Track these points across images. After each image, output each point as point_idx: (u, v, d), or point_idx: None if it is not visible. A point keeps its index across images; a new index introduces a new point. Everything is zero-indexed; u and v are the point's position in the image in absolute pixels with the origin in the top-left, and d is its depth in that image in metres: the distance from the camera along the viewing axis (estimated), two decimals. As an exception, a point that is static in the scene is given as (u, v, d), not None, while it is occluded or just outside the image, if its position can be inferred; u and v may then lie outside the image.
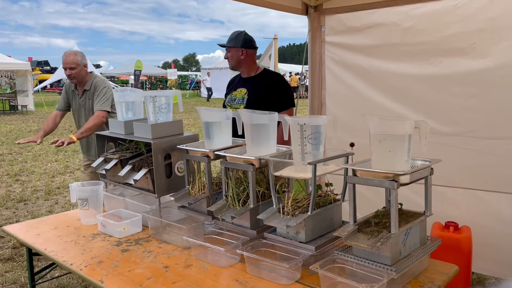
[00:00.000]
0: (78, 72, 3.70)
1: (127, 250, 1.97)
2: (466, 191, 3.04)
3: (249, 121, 1.95)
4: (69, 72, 3.68)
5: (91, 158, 3.86)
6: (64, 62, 3.70)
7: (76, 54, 3.73)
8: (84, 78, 3.77)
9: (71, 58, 3.68)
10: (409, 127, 1.54)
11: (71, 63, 3.66)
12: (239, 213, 1.88)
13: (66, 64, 3.68)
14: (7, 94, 18.45)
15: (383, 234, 1.50)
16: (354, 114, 3.40)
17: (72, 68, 3.66)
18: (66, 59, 3.69)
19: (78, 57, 3.71)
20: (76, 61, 3.69)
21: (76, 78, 3.72)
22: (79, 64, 3.70)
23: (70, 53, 3.74)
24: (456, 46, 2.91)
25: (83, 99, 3.79)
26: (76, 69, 3.68)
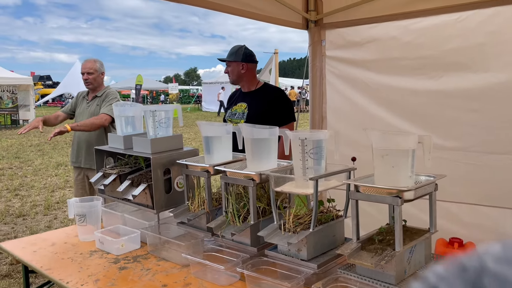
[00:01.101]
0: (95, 78, 3.82)
1: (125, 268, 1.93)
2: (470, 206, 3.00)
3: (250, 135, 1.92)
4: (86, 76, 3.79)
5: (78, 165, 3.85)
6: (83, 67, 3.83)
7: (95, 61, 3.87)
8: (99, 86, 3.88)
9: (91, 64, 3.82)
10: (412, 141, 1.51)
11: (89, 68, 3.80)
12: (240, 229, 1.84)
13: (84, 69, 3.81)
14: (8, 108, 18.49)
15: (387, 252, 1.46)
16: (355, 128, 3.38)
17: (90, 73, 3.79)
18: (86, 64, 3.83)
19: (97, 64, 3.85)
20: (95, 67, 3.82)
21: (92, 84, 3.82)
22: (97, 70, 3.83)
23: (90, 59, 3.88)
24: (457, 60, 2.90)
25: (90, 104, 3.84)
26: (94, 75, 3.80)
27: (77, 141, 3.86)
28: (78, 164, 3.86)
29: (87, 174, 3.83)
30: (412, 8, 3.07)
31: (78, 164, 3.85)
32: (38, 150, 11.97)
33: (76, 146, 3.87)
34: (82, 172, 3.86)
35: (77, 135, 3.86)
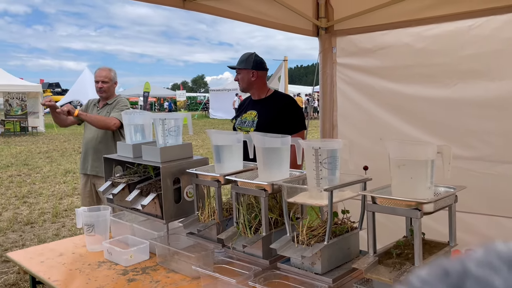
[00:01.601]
0: (109, 87, 3.83)
1: (133, 280, 1.88)
2: (486, 217, 2.92)
3: (262, 144, 1.88)
4: (101, 85, 3.79)
5: (85, 172, 3.85)
6: (98, 75, 3.83)
7: (110, 70, 3.89)
8: (112, 95, 3.89)
9: (106, 72, 3.84)
10: (431, 152, 1.46)
11: (105, 77, 3.81)
12: (251, 241, 1.79)
13: (99, 77, 3.81)
14: (18, 115, 18.65)
15: (406, 266, 1.40)
16: (367, 136, 3.33)
17: (104, 82, 3.80)
18: (101, 72, 3.83)
19: (112, 73, 3.87)
20: (110, 76, 3.84)
21: (105, 92, 3.83)
22: (111, 79, 3.85)
23: (105, 68, 3.90)
24: (472, 67, 2.84)
25: (100, 111, 3.85)
26: (108, 84, 3.82)
27: (85, 148, 3.85)
28: (84, 170, 3.85)
29: (93, 181, 3.81)
30: (425, 14, 3.03)
31: (85, 170, 3.84)
32: (47, 157, 12.02)
33: (84, 153, 3.87)
34: (89, 180, 3.84)
35: (85, 142, 3.85)
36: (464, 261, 0.35)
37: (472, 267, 0.34)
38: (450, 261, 0.36)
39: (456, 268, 0.35)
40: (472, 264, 0.35)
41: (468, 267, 0.34)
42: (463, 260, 0.35)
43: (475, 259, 0.35)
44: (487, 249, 0.36)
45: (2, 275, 4.01)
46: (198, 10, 2.88)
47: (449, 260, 0.36)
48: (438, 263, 0.36)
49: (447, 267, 0.35)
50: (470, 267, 0.34)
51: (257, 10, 3.22)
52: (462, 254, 0.38)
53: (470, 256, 0.36)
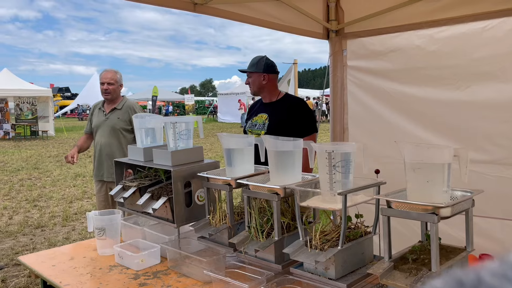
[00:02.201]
0: (115, 89, 3.81)
1: (145, 284, 1.87)
2: (500, 221, 2.87)
3: (274, 148, 1.86)
4: (106, 87, 3.78)
5: (100, 179, 3.84)
6: (104, 77, 3.82)
7: (116, 72, 3.88)
8: (117, 97, 3.88)
9: (111, 74, 3.82)
10: (448, 155, 1.43)
11: (110, 79, 3.79)
12: (264, 246, 1.77)
13: (105, 79, 3.80)
14: (28, 119, 18.83)
15: (422, 272, 1.37)
16: (378, 140, 3.30)
17: (110, 83, 3.78)
18: (106, 74, 3.82)
19: (118, 75, 3.86)
20: (115, 78, 3.83)
21: (111, 94, 3.81)
22: (117, 81, 3.84)
23: (110, 70, 3.88)
24: (485, 69, 2.80)
25: (109, 116, 3.82)
26: (114, 86, 3.80)
27: (98, 155, 3.83)
28: (100, 177, 3.83)
29: (110, 186, 3.80)
30: (437, 16, 2.99)
31: (100, 177, 3.83)
32: (57, 161, 12.10)
33: (97, 160, 3.85)
34: (105, 185, 3.83)
35: (98, 148, 3.83)
36: (478, 272, 0.35)
37: (486, 278, 0.34)
38: (465, 272, 0.36)
39: (470, 279, 0.35)
40: (487, 275, 0.34)
41: (483, 278, 0.34)
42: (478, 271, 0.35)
43: (490, 270, 0.35)
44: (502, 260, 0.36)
45: (13, 278, 4.03)
46: (209, 14, 2.88)
47: (463, 271, 0.36)
48: (453, 274, 0.36)
49: (462, 278, 0.35)
50: (485, 278, 0.34)
51: (267, 13, 3.21)
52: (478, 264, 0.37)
53: (485, 267, 0.36)
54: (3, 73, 18.86)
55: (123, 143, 3.75)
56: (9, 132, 18.71)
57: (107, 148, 3.75)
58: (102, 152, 3.79)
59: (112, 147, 3.74)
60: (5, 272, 4.16)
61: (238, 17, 3.06)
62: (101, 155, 3.79)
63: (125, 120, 3.79)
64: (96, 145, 3.87)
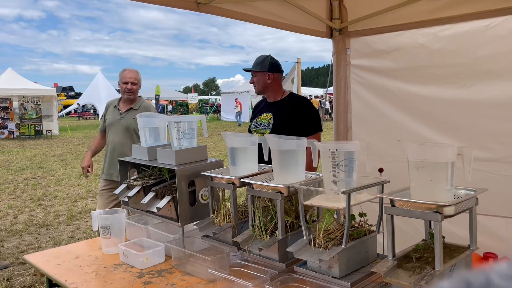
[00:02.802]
0: (137, 89, 3.83)
1: (149, 283, 1.88)
2: (504, 219, 2.87)
3: (277, 147, 1.87)
4: (130, 86, 3.77)
5: (109, 178, 3.80)
6: (128, 77, 3.78)
7: (138, 72, 3.87)
8: (136, 97, 3.88)
9: (135, 74, 3.81)
10: (451, 154, 1.43)
11: (134, 79, 3.79)
12: (267, 244, 1.78)
13: (129, 79, 3.77)
14: (33, 119, 18.91)
15: (426, 271, 1.38)
16: (382, 138, 3.29)
17: (134, 83, 3.78)
18: (130, 74, 3.79)
19: (140, 75, 3.86)
20: (138, 78, 3.83)
21: (134, 94, 3.82)
22: (139, 81, 3.85)
23: (132, 70, 3.86)
24: (489, 68, 2.80)
25: (124, 116, 3.80)
26: (137, 86, 3.82)
27: (110, 154, 3.78)
28: (109, 177, 3.80)
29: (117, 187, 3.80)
30: (440, 15, 2.99)
31: (110, 177, 3.79)
32: (61, 160, 12.16)
33: (109, 159, 3.80)
34: (113, 184, 3.81)
35: (111, 148, 3.79)
36: (487, 274, 0.35)
37: (495, 280, 0.34)
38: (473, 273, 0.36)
39: (479, 280, 0.35)
40: (496, 277, 0.34)
41: (492, 280, 0.34)
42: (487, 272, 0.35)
43: (498, 271, 0.35)
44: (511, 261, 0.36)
45: (18, 277, 4.06)
46: (212, 13, 2.88)
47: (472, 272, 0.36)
48: (461, 275, 0.36)
49: (470, 279, 0.35)
50: (494, 279, 0.34)
51: (270, 12, 3.21)
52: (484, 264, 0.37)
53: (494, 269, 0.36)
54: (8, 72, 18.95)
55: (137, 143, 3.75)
56: (13, 132, 18.80)
57: (120, 148, 3.71)
58: (114, 152, 3.74)
59: (125, 147, 3.68)
60: (10, 271, 4.19)
61: (242, 16, 3.07)
62: (113, 154, 3.73)
63: None
64: (108, 144, 3.82)
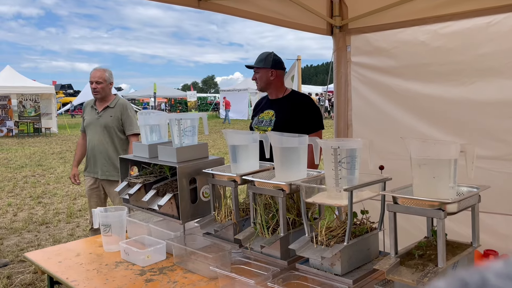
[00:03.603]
0: (103, 88, 3.79)
1: (151, 280, 1.88)
2: (505, 217, 2.87)
3: (279, 144, 1.86)
4: (95, 86, 3.77)
5: (94, 176, 3.83)
6: (92, 76, 3.80)
7: (105, 70, 3.84)
8: (108, 96, 3.85)
9: (99, 73, 3.79)
10: (454, 151, 1.43)
11: (98, 78, 3.77)
12: (269, 242, 1.78)
13: (93, 78, 3.78)
14: (31, 116, 18.88)
15: (429, 268, 1.38)
16: (382, 136, 3.29)
17: (98, 82, 3.77)
18: (95, 73, 3.79)
19: (106, 74, 3.82)
20: (103, 76, 3.79)
21: (100, 93, 3.80)
22: (105, 80, 3.80)
23: (99, 69, 3.85)
24: (490, 65, 2.79)
25: (102, 115, 3.81)
26: (102, 84, 3.78)
27: (91, 153, 3.82)
28: (93, 175, 3.83)
29: (103, 184, 3.84)
30: (441, 12, 2.98)
31: (94, 175, 3.83)
32: (60, 157, 12.14)
33: (91, 158, 3.84)
34: (97, 182, 3.84)
35: (91, 147, 3.82)
36: (483, 273, 0.35)
37: (491, 279, 0.34)
38: (469, 272, 0.36)
39: (475, 279, 0.35)
40: (492, 276, 0.34)
41: (488, 279, 0.34)
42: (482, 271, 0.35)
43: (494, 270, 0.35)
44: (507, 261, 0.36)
45: (18, 275, 4.05)
46: (213, 10, 2.87)
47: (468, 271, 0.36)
48: (457, 274, 0.36)
49: (466, 278, 0.35)
50: (490, 278, 0.34)
51: (271, 9, 3.20)
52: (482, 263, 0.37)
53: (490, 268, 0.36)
54: (6, 70, 18.89)
55: (116, 141, 3.78)
56: (12, 129, 18.76)
57: (101, 146, 3.76)
58: (95, 151, 3.78)
59: (105, 145, 3.75)
60: (10, 269, 4.19)
61: (242, 13, 3.06)
62: (94, 153, 3.79)
63: (117, 118, 3.78)
64: (88, 143, 3.85)
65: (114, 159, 3.73)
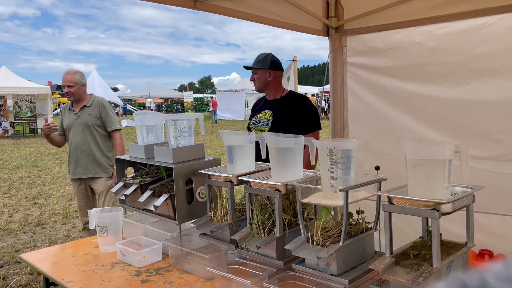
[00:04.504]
0: (76, 91, 3.78)
1: (147, 281, 1.88)
2: (500, 217, 2.89)
3: (275, 144, 1.87)
4: (67, 89, 3.78)
5: (78, 177, 3.82)
6: (63, 80, 3.80)
7: (75, 73, 3.83)
8: (82, 97, 3.85)
9: (70, 76, 3.78)
10: (449, 151, 1.44)
11: (69, 81, 3.77)
12: (265, 242, 1.78)
13: (64, 82, 3.79)
14: (27, 117, 18.81)
15: (424, 267, 1.38)
16: (378, 136, 3.30)
17: (70, 86, 3.77)
18: (65, 77, 3.79)
19: (77, 76, 3.81)
20: (74, 79, 3.78)
21: (73, 96, 3.80)
22: (77, 83, 3.79)
23: (69, 72, 3.83)
24: (486, 66, 2.81)
25: (80, 115, 3.81)
26: (74, 88, 3.77)
27: (74, 153, 3.81)
28: (77, 175, 3.83)
29: (88, 183, 3.84)
30: (437, 13, 3.00)
31: (78, 175, 3.83)
32: (56, 158, 12.10)
33: (74, 159, 3.83)
34: (83, 182, 3.85)
35: (73, 147, 3.81)
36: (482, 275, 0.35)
37: (491, 281, 0.34)
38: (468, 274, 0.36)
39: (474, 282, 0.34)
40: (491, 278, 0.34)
41: (487, 281, 0.34)
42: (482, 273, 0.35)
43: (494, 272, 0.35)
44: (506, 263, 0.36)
45: (14, 276, 4.04)
46: (209, 11, 2.88)
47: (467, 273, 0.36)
48: (456, 276, 0.36)
49: (466, 280, 0.35)
50: (489, 281, 0.34)
51: (267, 10, 3.21)
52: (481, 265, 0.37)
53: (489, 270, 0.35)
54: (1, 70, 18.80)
55: (98, 138, 3.78)
56: (8, 130, 18.69)
57: (83, 145, 3.76)
58: (78, 150, 3.78)
59: (88, 143, 3.76)
60: (5, 270, 4.17)
61: (238, 14, 3.06)
62: (77, 153, 3.79)
63: (96, 116, 3.78)
64: (70, 144, 3.84)
65: (98, 157, 3.77)
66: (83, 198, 3.88)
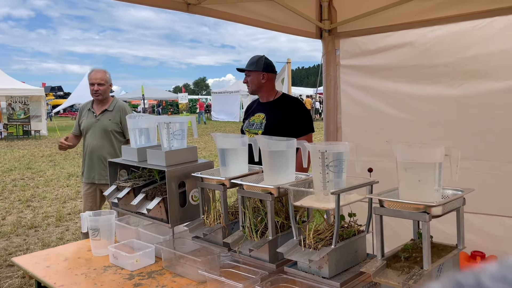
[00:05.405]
0: (105, 90, 3.73)
1: (139, 285, 1.87)
2: (492, 217, 2.91)
3: (267, 148, 1.87)
4: (97, 87, 3.70)
5: (91, 181, 3.78)
6: (94, 78, 3.71)
7: (106, 72, 3.78)
8: (108, 98, 3.80)
9: (101, 74, 3.72)
10: (439, 154, 1.45)
11: (100, 79, 3.70)
12: (258, 245, 1.78)
13: (95, 80, 3.70)
14: (21, 119, 18.70)
15: (415, 270, 1.39)
16: (371, 138, 3.32)
17: (100, 84, 3.70)
18: (96, 74, 3.71)
19: (108, 75, 3.76)
20: (105, 78, 3.73)
21: (102, 95, 3.73)
22: (107, 81, 3.75)
23: (100, 70, 3.77)
24: (477, 67, 2.83)
25: (100, 118, 3.75)
26: (104, 86, 3.72)
27: (89, 157, 3.76)
28: (91, 180, 3.78)
29: (100, 188, 3.78)
30: (428, 16, 3.02)
31: (91, 180, 3.77)
32: (50, 160, 12.04)
33: (88, 162, 3.78)
34: (95, 187, 3.79)
35: (89, 150, 3.76)
36: (478, 275, 0.35)
37: (486, 281, 0.34)
38: (464, 274, 0.36)
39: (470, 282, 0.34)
40: (486, 278, 0.34)
41: (482, 281, 0.34)
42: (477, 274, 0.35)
43: (489, 272, 0.35)
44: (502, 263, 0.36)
45: (6, 279, 4.01)
46: (202, 14, 2.88)
47: (462, 273, 0.36)
48: (452, 276, 0.36)
49: (461, 280, 0.35)
50: (484, 281, 0.34)
51: (260, 13, 3.22)
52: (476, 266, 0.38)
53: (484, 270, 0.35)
54: (-5, 72, 18.71)
55: (115, 144, 3.72)
56: (1, 132, 18.57)
57: (99, 150, 3.70)
58: (93, 154, 3.73)
59: (104, 149, 3.69)
60: (-2, 273, 4.15)
61: (231, 17, 3.07)
62: (92, 157, 3.73)
63: (116, 122, 3.74)
64: (86, 147, 3.79)
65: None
66: (90, 202, 3.81)
